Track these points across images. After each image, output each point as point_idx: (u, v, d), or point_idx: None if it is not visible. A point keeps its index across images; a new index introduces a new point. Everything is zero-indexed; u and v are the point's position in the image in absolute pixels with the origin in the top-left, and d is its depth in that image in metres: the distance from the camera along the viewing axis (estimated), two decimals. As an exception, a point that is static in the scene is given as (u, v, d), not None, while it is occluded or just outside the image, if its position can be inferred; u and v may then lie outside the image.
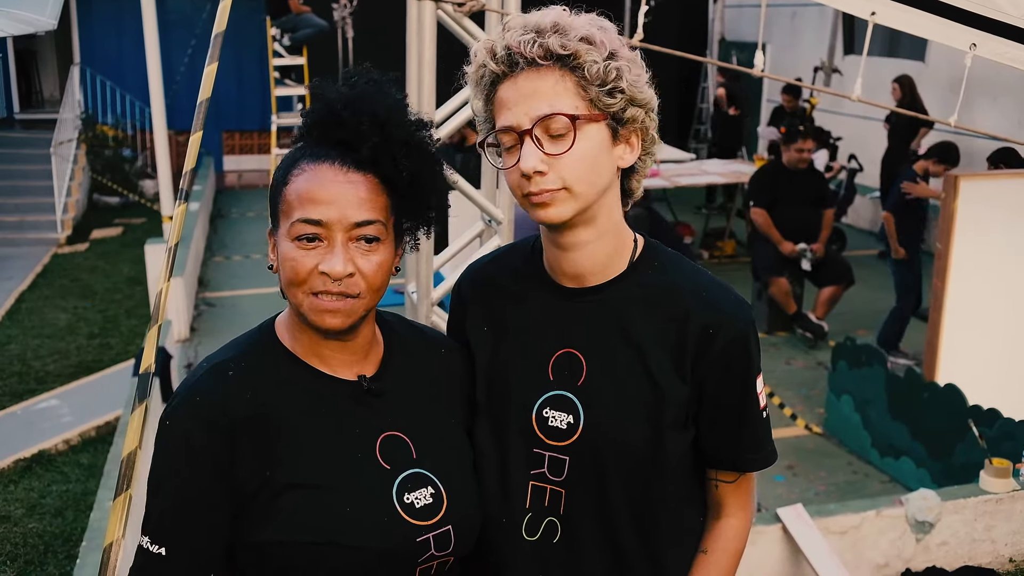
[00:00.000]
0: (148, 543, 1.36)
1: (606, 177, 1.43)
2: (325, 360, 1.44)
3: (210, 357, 1.45)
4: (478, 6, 3.19)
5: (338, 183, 1.36)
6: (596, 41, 1.38)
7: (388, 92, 1.43)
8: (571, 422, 1.48)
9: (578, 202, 1.41)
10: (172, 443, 1.36)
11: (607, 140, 1.42)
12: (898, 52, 10.36)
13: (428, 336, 1.63)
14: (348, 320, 1.37)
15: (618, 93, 1.39)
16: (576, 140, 1.38)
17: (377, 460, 1.41)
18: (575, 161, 1.39)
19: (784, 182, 7.14)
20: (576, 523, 1.50)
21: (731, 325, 1.47)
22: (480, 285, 1.64)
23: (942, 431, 4.62)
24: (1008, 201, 4.85)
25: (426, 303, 3.35)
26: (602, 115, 1.40)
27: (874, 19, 3.22)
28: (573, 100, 1.38)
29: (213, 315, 7.56)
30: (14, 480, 5.04)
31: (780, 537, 3.64)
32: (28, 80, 14.72)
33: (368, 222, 1.36)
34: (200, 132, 2.39)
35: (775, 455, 1.56)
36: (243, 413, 1.36)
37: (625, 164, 1.46)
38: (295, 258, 1.35)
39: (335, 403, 1.42)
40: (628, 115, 1.42)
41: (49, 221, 10.66)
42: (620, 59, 1.40)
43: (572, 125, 1.37)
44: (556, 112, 1.37)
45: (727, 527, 1.57)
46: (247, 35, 12.33)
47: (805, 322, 6.97)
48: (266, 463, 1.36)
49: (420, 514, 1.41)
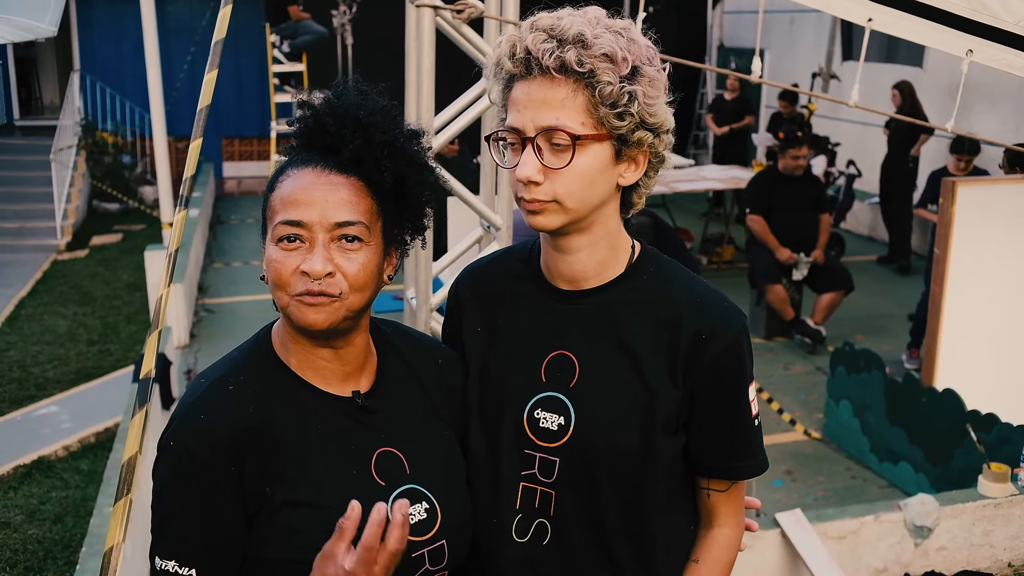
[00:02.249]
0: (176, 566, 1.34)
1: (602, 194, 1.43)
2: (320, 372, 1.44)
3: (207, 373, 1.44)
4: (477, 13, 3.21)
5: (319, 185, 1.37)
6: (618, 59, 1.36)
7: (374, 99, 1.44)
8: (562, 423, 1.48)
9: (568, 216, 1.42)
10: (181, 463, 1.35)
11: (609, 159, 1.41)
12: (896, 58, 10.39)
13: (424, 345, 1.62)
14: (330, 319, 1.36)
15: (628, 116, 1.38)
16: (575, 156, 1.38)
17: (372, 477, 1.41)
18: (571, 178, 1.39)
19: (780, 188, 7.15)
20: (566, 525, 1.50)
21: (724, 332, 1.47)
22: (476, 286, 1.64)
23: (940, 436, 4.63)
24: (1006, 207, 4.86)
25: (425, 309, 3.36)
26: (607, 135, 1.39)
27: (871, 25, 3.24)
28: (581, 116, 1.37)
29: (213, 321, 7.57)
30: (14, 486, 5.04)
31: (779, 542, 3.65)
32: (28, 87, 14.76)
33: (349, 222, 1.36)
34: (200, 139, 2.40)
35: (766, 464, 1.56)
36: (246, 427, 1.36)
37: (626, 182, 1.46)
38: (278, 260, 1.36)
39: (331, 420, 1.42)
40: (636, 137, 1.41)
41: (49, 227, 10.67)
42: (640, 79, 1.38)
43: (573, 142, 1.37)
44: (560, 127, 1.37)
45: (719, 536, 1.57)
46: (247, 42, 12.36)
47: (803, 328, 6.98)
48: (266, 479, 1.36)
49: (415, 530, 1.40)
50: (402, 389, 1.51)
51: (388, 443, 1.45)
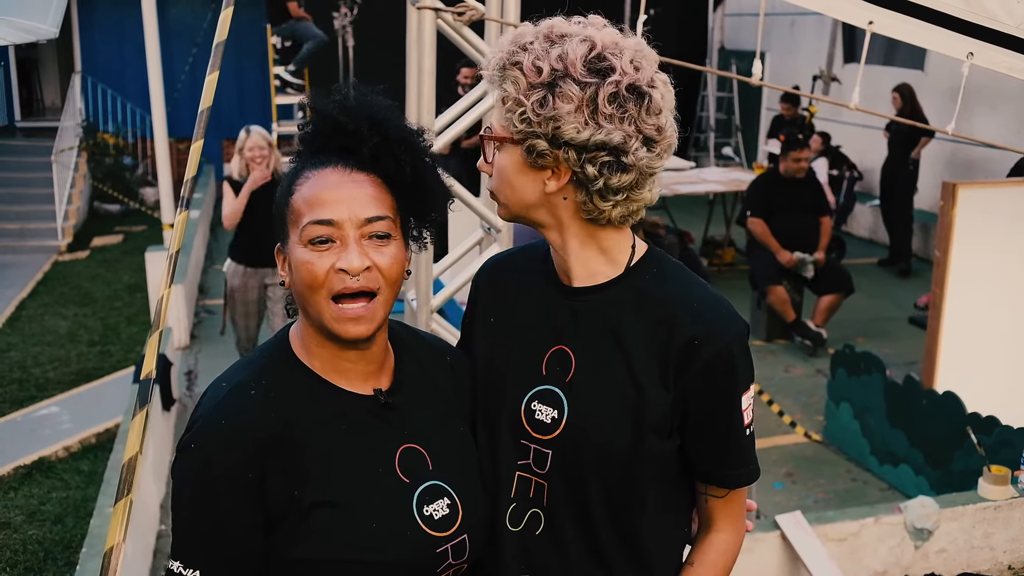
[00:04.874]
0: (181, 567, 1.35)
1: (527, 195, 1.48)
2: (344, 374, 1.44)
3: (227, 377, 1.44)
4: (477, 15, 3.21)
5: (344, 184, 1.37)
6: (526, 68, 1.39)
7: (380, 98, 1.46)
8: (555, 417, 1.50)
9: (505, 210, 1.52)
10: (200, 467, 1.35)
11: (520, 162, 1.45)
12: (897, 61, 10.39)
13: (434, 345, 1.64)
14: (372, 326, 1.38)
15: (524, 122, 1.40)
16: (496, 156, 1.49)
17: (397, 474, 1.42)
18: (497, 175, 1.50)
19: (781, 191, 7.15)
20: (558, 516, 1.52)
21: (717, 339, 1.46)
22: (494, 276, 1.69)
23: (941, 439, 4.63)
24: (1006, 209, 4.86)
25: (426, 310, 3.36)
26: (510, 136, 1.44)
27: (872, 28, 3.24)
28: (500, 118, 1.47)
29: (213, 323, 7.56)
30: (14, 487, 5.04)
31: (779, 544, 3.64)
32: (29, 88, 14.76)
33: (378, 218, 1.37)
34: (201, 140, 2.40)
35: (757, 473, 1.56)
36: (268, 433, 1.36)
37: (549, 191, 1.46)
38: (311, 261, 1.36)
39: (355, 419, 1.43)
40: (539, 147, 1.41)
41: (50, 229, 10.67)
42: (555, 93, 1.37)
43: (492, 140, 1.48)
44: (489, 125, 1.49)
45: (717, 541, 1.58)
46: (248, 44, 12.37)
47: (804, 330, 6.98)
48: (293, 482, 1.36)
49: (439, 525, 1.42)
50: (419, 387, 1.53)
51: (411, 439, 1.46)
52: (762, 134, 12.39)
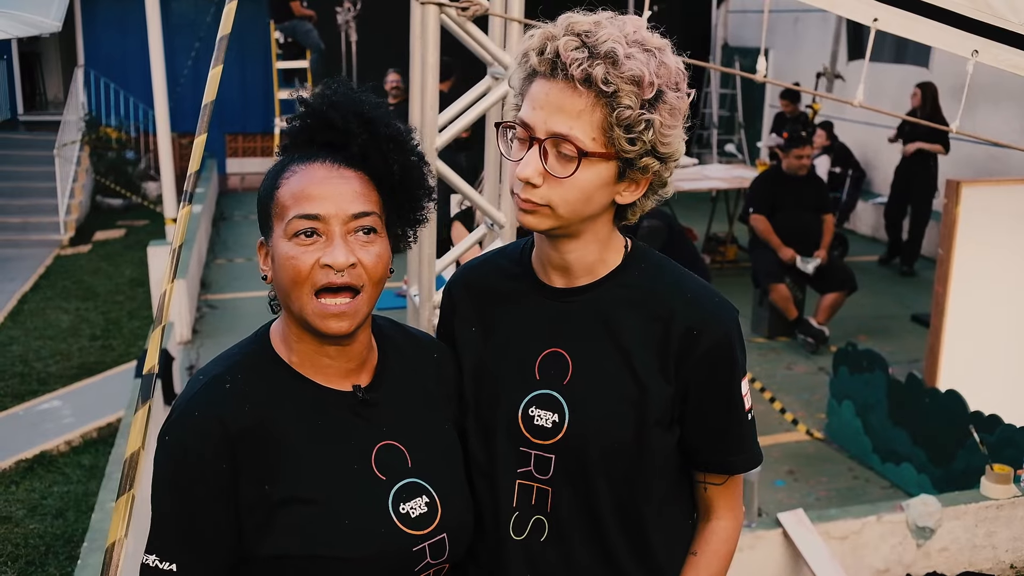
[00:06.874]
0: (156, 560, 1.35)
1: (596, 207, 1.43)
2: (323, 370, 1.43)
3: (205, 370, 1.44)
4: (481, 10, 3.20)
5: (331, 179, 1.37)
6: (644, 83, 1.34)
7: (369, 95, 1.45)
8: (556, 421, 1.49)
9: (558, 221, 1.42)
10: (173, 458, 1.35)
11: (611, 177, 1.41)
12: (903, 58, 10.37)
13: (421, 341, 1.63)
14: (354, 323, 1.37)
15: (640, 142, 1.37)
16: (579, 170, 1.37)
17: (373, 471, 1.41)
18: (569, 189, 1.39)
19: (784, 188, 7.14)
20: (563, 522, 1.51)
21: (715, 327, 1.47)
22: (469, 285, 1.65)
23: (943, 437, 4.62)
24: (1010, 207, 4.86)
25: (428, 306, 3.36)
26: (614, 154, 1.38)
27: (876, 25, 3.23)
28: (593, 132, 1.36)
29: (215, 317, 7.57)
30: (15, 481, 5.04)
31: (781, 542, 3.64)
32: (32, 82, 14.75)
33: (365, 213, 1.37)
34: (204, 134, 2.39)
35: (760, 457, 1.57)
36: (241, 426, 1.35)
37: (623, 201, 1.46)
38: (295, 255, 1.35)
39: (331, 415, 1.42)
40: (643, 163, 1.40)
41: (52, 223, 10.68)
42: (660, 107, 1.36)
43: (580, 156, 1.36)
44: (570, 138, 1.36)
45: (717, 529, 1.58)
46: (251, 38, 12.36)
47: (806, 328, 6.97)
48: (264, 477, 1.36)
49: (415, 524, 1.41)
50: (402, 383, 1.52)
51: (389, 436, 1.45)
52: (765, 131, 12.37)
